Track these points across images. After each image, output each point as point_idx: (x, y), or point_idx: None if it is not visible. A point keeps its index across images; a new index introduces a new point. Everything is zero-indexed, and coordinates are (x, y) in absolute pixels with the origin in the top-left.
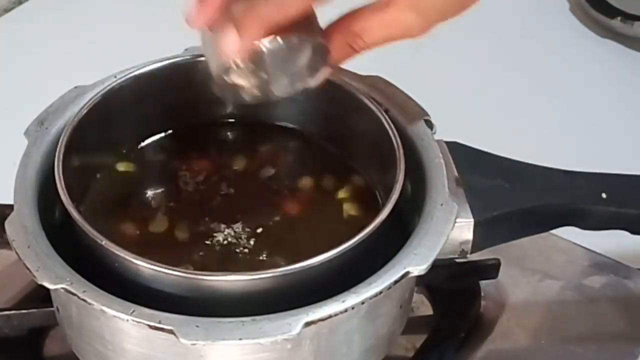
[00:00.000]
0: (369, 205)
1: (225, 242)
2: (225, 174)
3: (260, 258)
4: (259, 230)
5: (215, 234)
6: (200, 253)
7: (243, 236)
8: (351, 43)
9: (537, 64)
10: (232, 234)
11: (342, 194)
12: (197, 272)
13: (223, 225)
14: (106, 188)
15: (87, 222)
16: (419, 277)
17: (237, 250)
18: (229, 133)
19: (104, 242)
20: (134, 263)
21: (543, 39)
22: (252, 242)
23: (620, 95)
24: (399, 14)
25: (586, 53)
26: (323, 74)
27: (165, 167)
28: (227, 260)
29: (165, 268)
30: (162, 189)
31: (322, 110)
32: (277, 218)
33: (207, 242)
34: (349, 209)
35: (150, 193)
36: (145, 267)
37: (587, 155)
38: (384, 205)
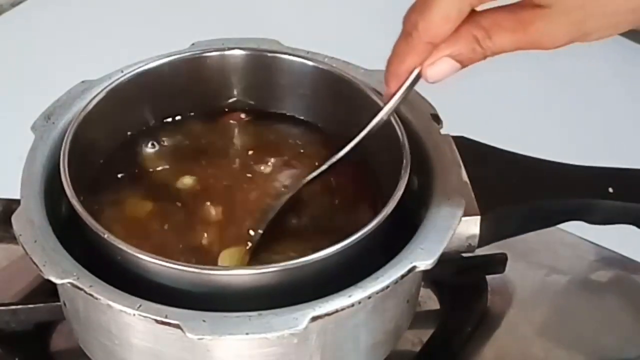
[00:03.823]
0: (375, 201)
1: (232, 234)
2: (234, 165)
3: (266, 251)
4: (265, 223)
5: (222, 226)
6: (207, 244)
7: (248, 229)
8: (478, 38)
9: (543, 59)
10: (238, 226)
11: (348, 188)
12: (203, 266)
13: (230, 217)
14: (113, 181)
15: (91, 216)
16: (425, 272)
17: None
18: (236, 126)
19: (106, 235)
20: (137, 257)
21: None
22: (257, 236)
23: (627, 90)
24: (541, 15)
25: (593, 48)
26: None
27: (173, 159)
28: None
29: (171, 262)
30: (170, 181)
31: (330, 104)
32: (282, 211)
33: (214, 233)
34: (355, 203)
35: (157, 185)
36: (149, 261)
37: (594, 150)
38: (388, 200)
